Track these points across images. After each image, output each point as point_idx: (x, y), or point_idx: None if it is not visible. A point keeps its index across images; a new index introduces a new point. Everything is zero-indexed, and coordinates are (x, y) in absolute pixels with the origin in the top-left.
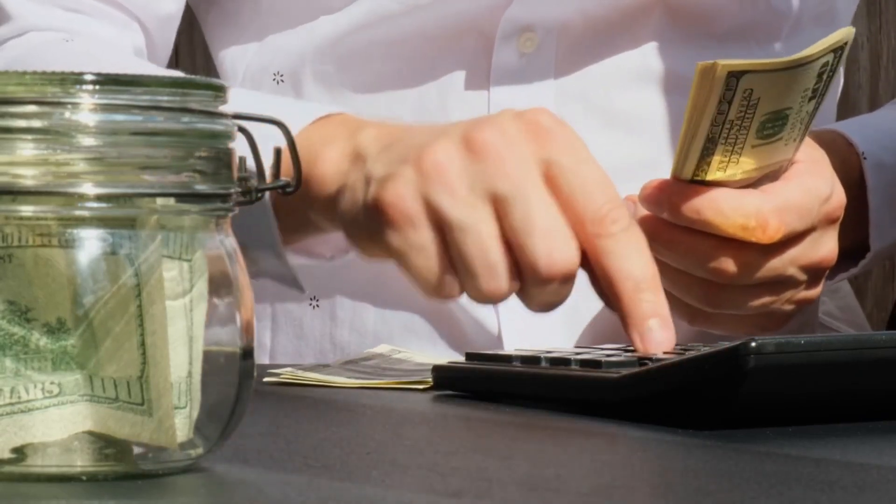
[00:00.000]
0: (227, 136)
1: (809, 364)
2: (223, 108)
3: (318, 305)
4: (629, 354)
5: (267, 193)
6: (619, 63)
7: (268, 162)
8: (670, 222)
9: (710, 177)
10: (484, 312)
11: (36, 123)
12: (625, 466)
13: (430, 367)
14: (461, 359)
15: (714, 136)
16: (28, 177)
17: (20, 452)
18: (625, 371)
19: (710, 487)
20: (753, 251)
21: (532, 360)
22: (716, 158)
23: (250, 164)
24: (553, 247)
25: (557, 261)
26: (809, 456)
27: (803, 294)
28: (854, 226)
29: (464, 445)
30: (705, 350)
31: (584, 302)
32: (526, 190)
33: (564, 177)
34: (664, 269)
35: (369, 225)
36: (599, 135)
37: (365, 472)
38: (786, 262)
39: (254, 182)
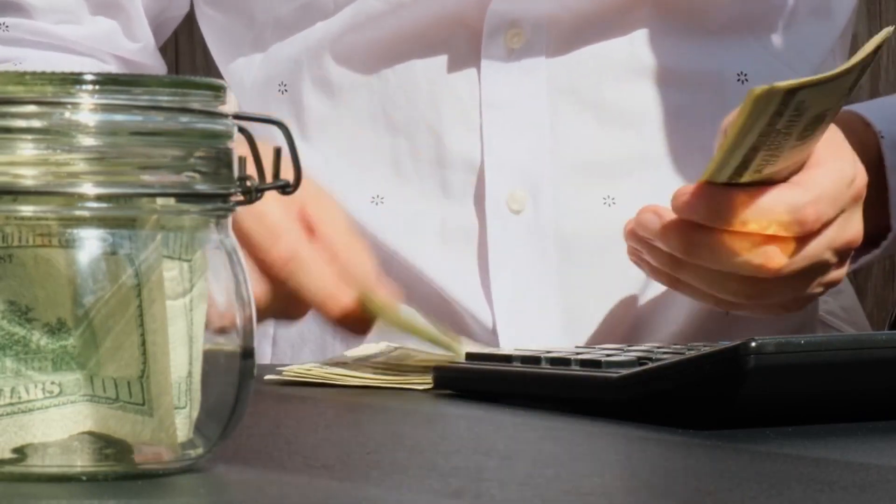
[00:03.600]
0: (227, 136)
1: (809, 364)
2: (223, 108)
3: None
4: (629, 354)
5: None
6: (610, 57)
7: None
8: (707, 226)
9: (745, 179)
10: (479, 307)
11: (36, 123)
12: (625, 466)
13: (432, 366)
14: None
15: (758, 146)
16: (28, 177)
17: (20, 452)
18: (625, 371)
19: (710, 487)
20: (794, 242)
21: (532, 359)
22: (755, 163)
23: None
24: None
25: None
26: (809, 456)
27: (832, 275)
28: (874, 207)
29: (464, 445)
30: (705, 350)
31: (576, 298)
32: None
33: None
34: (698, 269)
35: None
36: (592, 129)
37: (365, 472)
38: (822, 248)
39: (254, 182)
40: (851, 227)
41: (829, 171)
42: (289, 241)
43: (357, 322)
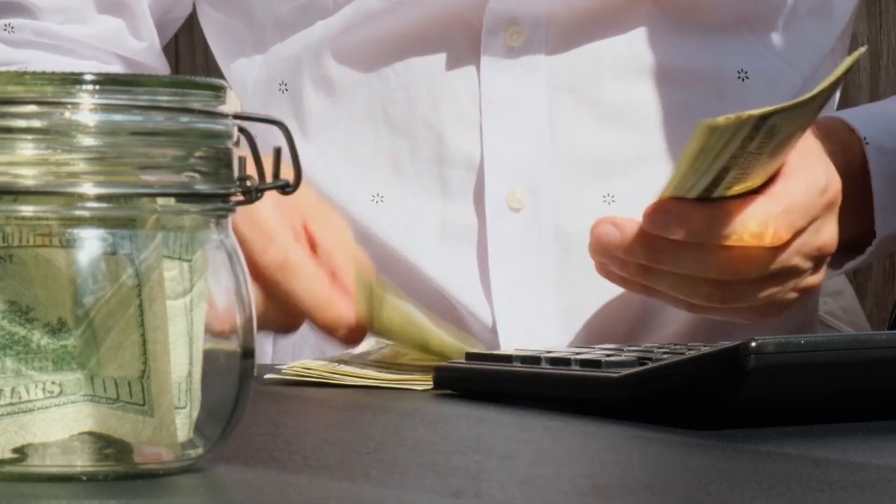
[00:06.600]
0: (227, 136)
1: (809, 364)
2: (223, 108)
3: None
4: (629, 354)
5: None
6: (609, 55)
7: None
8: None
9: (717, 195)
10: (479, 305)
11: (36, 123)
12: (625, 466)
13: (432, 366)
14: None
15: (730, 167)
16: (28, 177)
17: (21, 452)
18: (625, 371)
19: (710, 487)
20: (762, 250)
21: (532, 359)
22: (725, 182)
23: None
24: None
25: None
26: (809, 456)
27: (807, 281)
28: (859, 213)
29: (464, 445)
30: (705, 350)
31: (575, 296)
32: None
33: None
34: (668, 276)
35: None
36: (592, 127)
37: (365, 472)
38: (791, 253)
39: (254, 182)
40: (824, 234)
41: (802, 181)
42: (281, 245)
43: (350, 332)
